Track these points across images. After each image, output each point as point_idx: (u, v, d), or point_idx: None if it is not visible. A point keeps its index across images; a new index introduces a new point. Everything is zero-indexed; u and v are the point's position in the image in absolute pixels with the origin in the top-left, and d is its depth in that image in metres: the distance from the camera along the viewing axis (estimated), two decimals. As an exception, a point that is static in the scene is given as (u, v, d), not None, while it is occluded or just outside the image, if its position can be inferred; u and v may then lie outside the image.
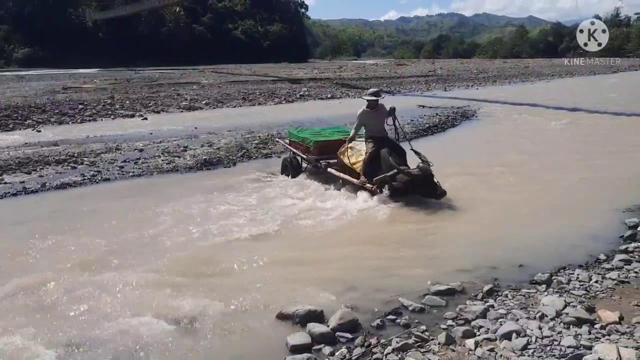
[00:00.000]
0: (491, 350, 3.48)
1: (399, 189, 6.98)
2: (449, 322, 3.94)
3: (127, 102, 23.15)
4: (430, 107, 20.00)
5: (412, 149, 7.52)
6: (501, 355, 3.40)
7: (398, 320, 3.99)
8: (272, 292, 4.50)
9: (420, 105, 20.47)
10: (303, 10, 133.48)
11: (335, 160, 8.43)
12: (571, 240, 5.74)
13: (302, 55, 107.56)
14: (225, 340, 3.79)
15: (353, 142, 8.04)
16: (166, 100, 24.06)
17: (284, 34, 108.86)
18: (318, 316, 4.01)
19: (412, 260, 5.29)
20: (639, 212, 6.61)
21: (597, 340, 3.50)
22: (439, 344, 3.61)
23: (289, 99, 25.54)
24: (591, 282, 4.55)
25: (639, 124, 15.53)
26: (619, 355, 3.19)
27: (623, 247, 5.40)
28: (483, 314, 4.00)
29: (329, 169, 8.32)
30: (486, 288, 4.46)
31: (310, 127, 11.72)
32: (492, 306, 4.15)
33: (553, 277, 4.67)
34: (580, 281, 4.58)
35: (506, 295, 4.36)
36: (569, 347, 3.41)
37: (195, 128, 15.77)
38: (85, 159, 10.98)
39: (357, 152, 7.87)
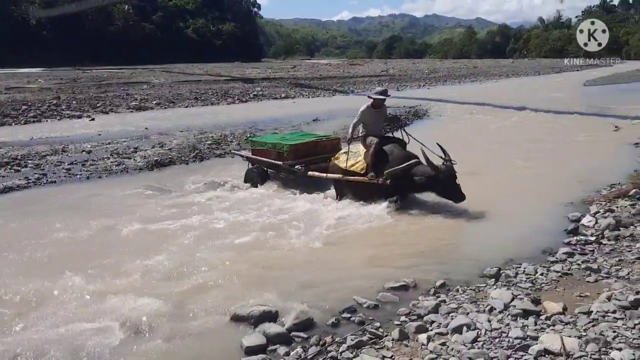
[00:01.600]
0: (443, 344, 3.56)
1: (417, 184, 6.68)
2: (403, 318, 4.00)
3: (74, 102, 22.42)
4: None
5: (436, 143, 6.99)
6: (452, 349, 3.48)
7: (353, 318, 4.03)
8: (226, 294, 4.46)
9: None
10: (256, 9, 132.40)
11: (309, 164, 7.90)
12: (518, 234, 5.92)
13: (256, 55, 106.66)
14: (180, 343, 3.73)
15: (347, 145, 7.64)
16: (115, 100, 23.44)
17: (237, 33, 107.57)
18: (273, 316, 4.00)
19: (365, 258, 5.36)
20: (580, 206, 6.88)
21: (542, 331, 3.62)
22: (392, 340, 3.66)
23: (243, 99, 25.36)
24: (537, 275, 4.70)
25: (580, 122, 16.15)
26: (563, 344, 3.32)
27: (566, 240, 5.61)
28: (435, 309, 4.08)
29: (310, 172, 7.76)
30: (438, 283, 4.58)
31: (268, 134, 11.95)
32: (444, 301, 4.25)
33: (501, 271, 4.81)
34: (526, 274, 4.73)
35: (457, 290, 4.48)
36: (516, 338, 3.52)
37: (146, 129, 15.45)
38: (29, 161, 10.57)
39: (354, 155, 7.34)
